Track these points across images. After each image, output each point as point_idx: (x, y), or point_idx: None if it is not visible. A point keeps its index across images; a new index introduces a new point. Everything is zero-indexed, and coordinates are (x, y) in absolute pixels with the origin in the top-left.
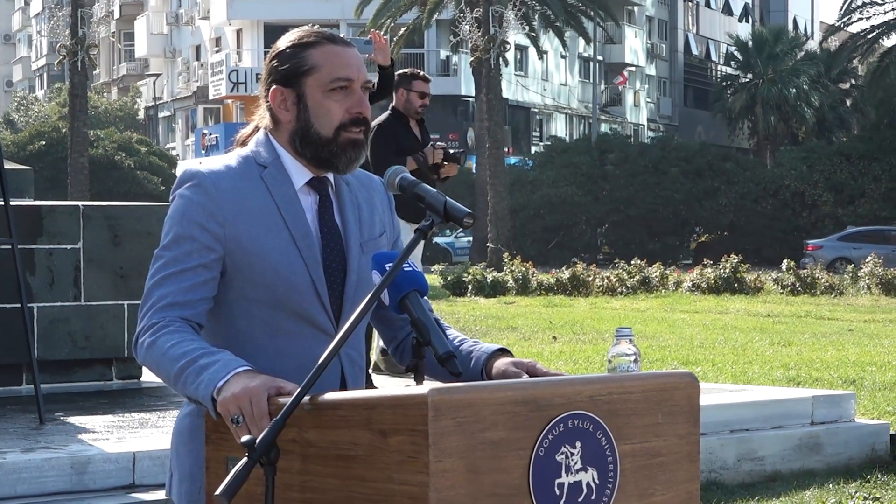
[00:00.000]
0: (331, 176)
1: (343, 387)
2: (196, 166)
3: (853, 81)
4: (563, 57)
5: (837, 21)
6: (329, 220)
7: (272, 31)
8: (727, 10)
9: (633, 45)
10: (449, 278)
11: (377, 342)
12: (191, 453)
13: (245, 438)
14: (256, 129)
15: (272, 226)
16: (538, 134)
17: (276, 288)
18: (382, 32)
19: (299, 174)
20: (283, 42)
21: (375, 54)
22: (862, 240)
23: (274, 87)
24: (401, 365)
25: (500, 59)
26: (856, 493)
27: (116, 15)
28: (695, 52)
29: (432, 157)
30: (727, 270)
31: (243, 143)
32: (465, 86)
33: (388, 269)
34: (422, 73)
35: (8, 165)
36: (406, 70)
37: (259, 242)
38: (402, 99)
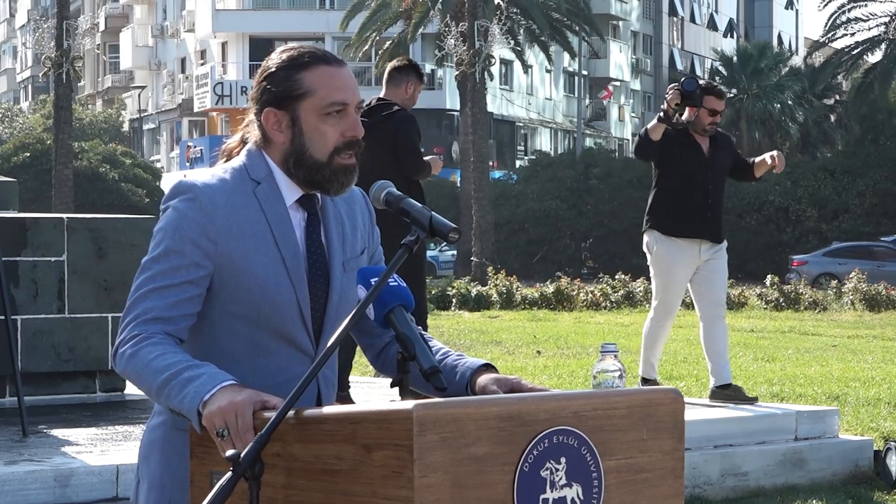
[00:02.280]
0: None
1: (318, 405)
2: (191, 178)
3: (837, 97)
4: (548, 71)
5: (822, 37)
6: (316, 238)
7: (257, 45)
8: (712, 25)
9: (618, 60)
10: (433, 292)
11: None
12: (161, 463)
13: (230, 452)
14: (243, 141)
15: (262, 243)
16: (523, 148)
17: (260, 306)
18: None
19: (290, 191)
20: (275, 62)
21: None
22: (847, 255)
23: (267, 108)
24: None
25: (485, 73)
26: None
27: (102, 27)
28: (679, 67)
29: (669, 104)
30: None
31: (229, 155)
32: (450, 99)
33: (373, 283)
34: (717, 86)
35: None
36: (703, 82)
37: (248, 259)
38: (692, 113)
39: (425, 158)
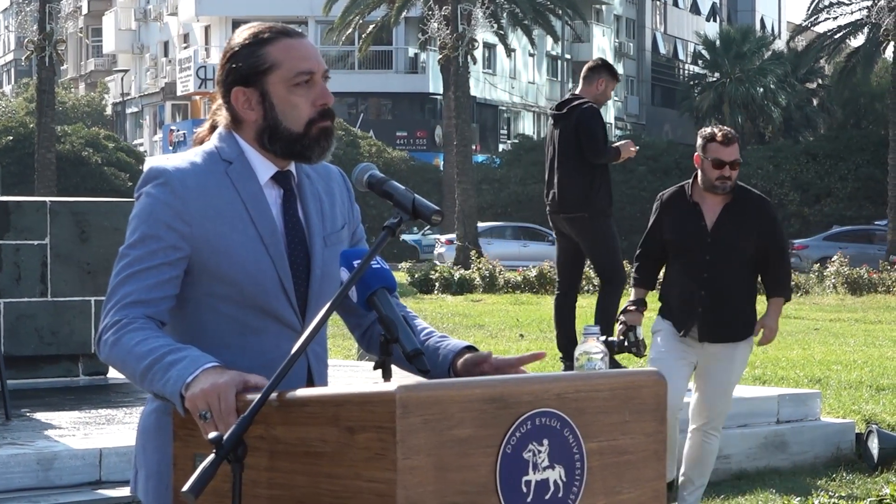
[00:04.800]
0: (293, 168)
1: (310, 383)
2: (161, 163)
3: (820, 81)
4: (531, 55)
5: (804, 21)
6: (293, 214)
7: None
8: (695, 9)
9: (601, 44)
10: (416, 276)
11: None
12: (157, 450)
13: (213, 435)
14: (213, 127)
15: (238, 223)
16: (506, 132)
17: (243, 285)
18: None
19: (264, 169)
20: (237, 41)
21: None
22: (847, 239)
23: (235, 87)
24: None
25: (469, 56)
26: (821, 491)
27: (84, 10)
28: (662, 50)
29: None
30: None
31: (200, 143)
32: (433, 83)
33: (356, 266)
34: (721, 132)
35: None
36: (706, 129)
37: (226, 240)
38: (698, 163)
39: (615, 144)
